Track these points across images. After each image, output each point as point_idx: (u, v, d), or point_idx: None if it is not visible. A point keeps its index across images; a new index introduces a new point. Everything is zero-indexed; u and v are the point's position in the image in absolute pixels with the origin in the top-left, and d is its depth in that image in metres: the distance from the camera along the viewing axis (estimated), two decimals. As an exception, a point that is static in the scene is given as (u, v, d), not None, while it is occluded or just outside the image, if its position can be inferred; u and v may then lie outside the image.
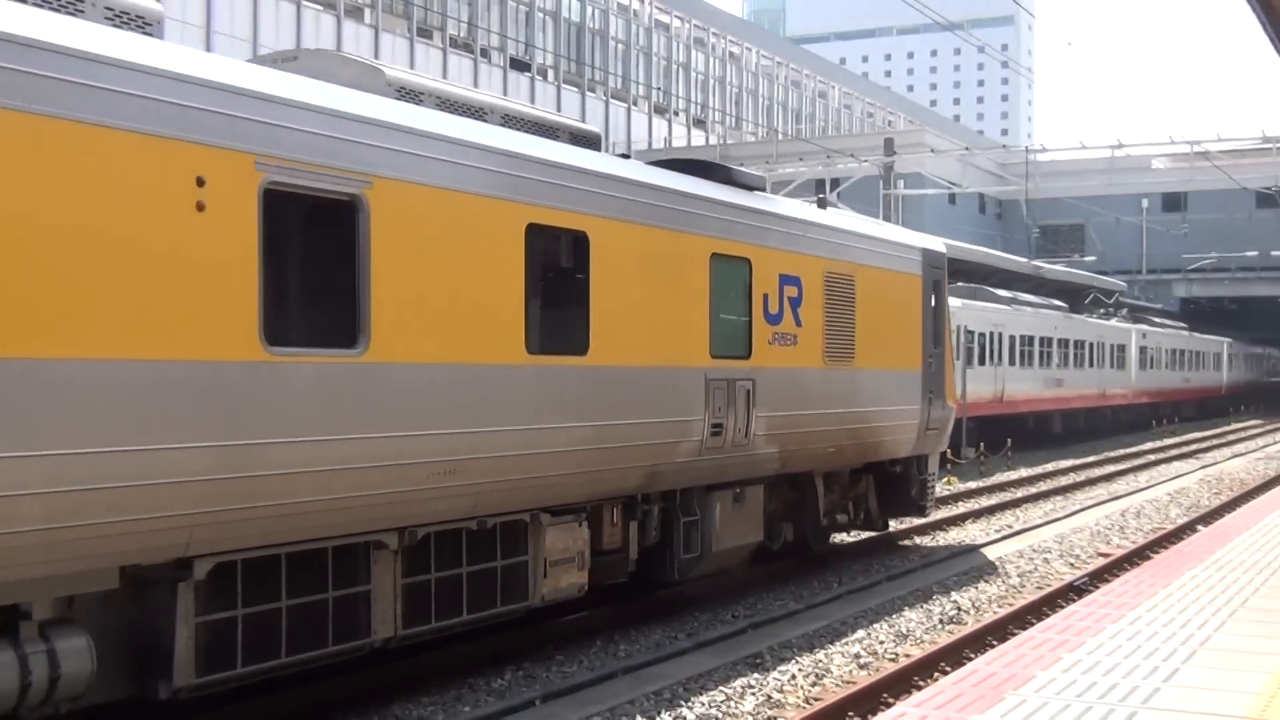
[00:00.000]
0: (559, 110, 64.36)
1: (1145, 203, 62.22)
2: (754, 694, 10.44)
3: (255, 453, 8.02)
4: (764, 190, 14.36)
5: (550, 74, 66.72)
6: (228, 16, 49.36)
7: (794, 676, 10.99)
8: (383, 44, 56.05)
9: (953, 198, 60.91)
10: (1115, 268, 57.97)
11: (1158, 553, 16.20)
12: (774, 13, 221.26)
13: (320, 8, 53.64)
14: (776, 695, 10.48)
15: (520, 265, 10.18)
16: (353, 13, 55.29)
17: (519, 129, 10.94)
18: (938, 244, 18.33)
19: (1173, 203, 62.63)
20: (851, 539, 18.21)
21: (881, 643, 12.38)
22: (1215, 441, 44.35)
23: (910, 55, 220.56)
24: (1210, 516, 21.20)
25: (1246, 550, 13.48)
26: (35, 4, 7.61)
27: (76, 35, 7.27)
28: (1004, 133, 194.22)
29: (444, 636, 10.33)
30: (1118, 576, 13.55)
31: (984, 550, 18.57)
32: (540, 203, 10.42)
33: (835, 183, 54.66)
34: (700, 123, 79.29)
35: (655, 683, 10.67)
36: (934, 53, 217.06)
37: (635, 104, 72.78)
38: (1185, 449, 40.05)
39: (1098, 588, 13.29)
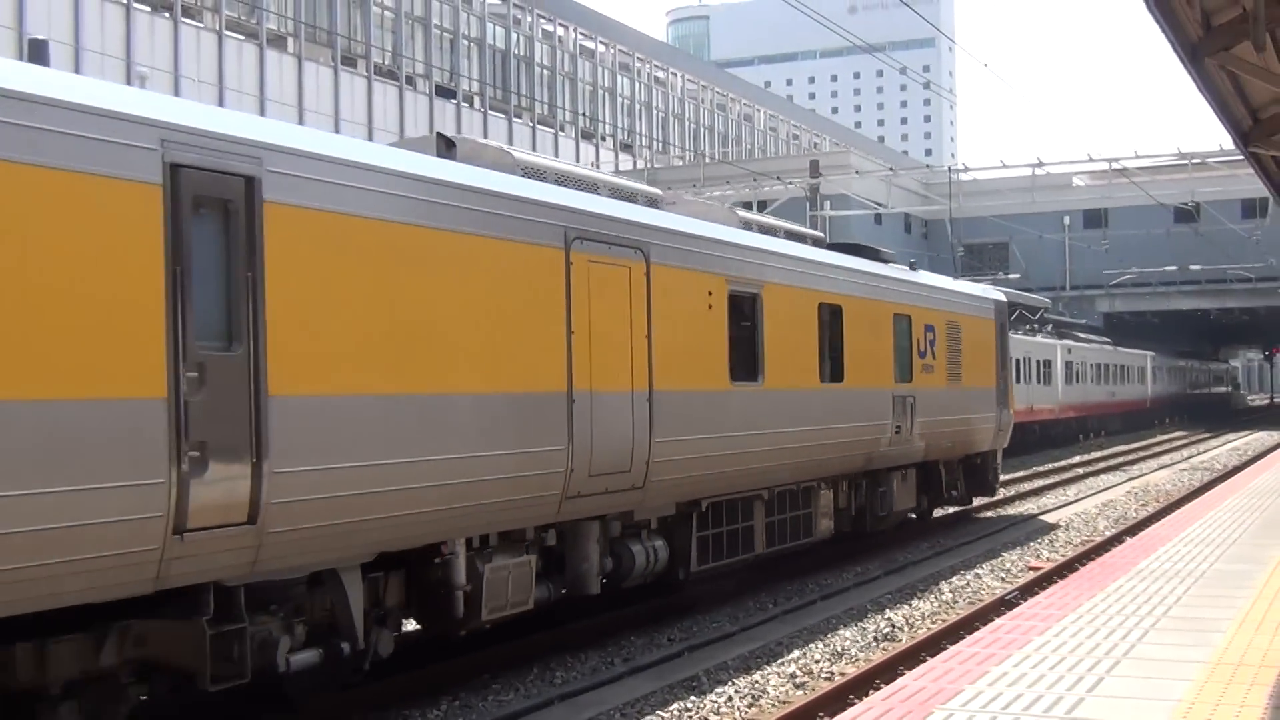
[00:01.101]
0: (485, 134, 64.53)
1: (1067, 220, 63.18)
2: (690, 717, 10.50)
3: (748, 442, 14.69)
4: (897, 263, 20.88)
5: (476, 101, 66.75)
6: (148, 47, 48.96)
7: (730, 698, 11.06)
8: (306, 73, 55.82)
9: (879, 218, 61.55)
10: (1039, 284, 58.78)
11: (1085, 565, 16.45)
12: (698, 37, 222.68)
13: (242, 38, 53.32)
14: (713, 718, 10.54)
15: (816, 326, 16.55)
16: (275, 42, 55.01)
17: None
18: (1002, 295, 25.14)
19: (1093, 219, 63.66)
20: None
21: (817, 662, 12.48)
22: (1141, 454, 45.04)
23: (834, 78, 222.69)
24: (1136, 528, 21.54)
25: (1170, 560, 13.74)
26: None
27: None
28: (928, 153, 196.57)
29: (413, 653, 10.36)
30: (1046, 589, 13.76)
31: (916, 567, 18.77)
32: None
33: (762, 205, 55.07)
34: (627, 147, 79.61)
35: (591, 709, 10.70)
36: (857, 75, 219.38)
37: (562, 130, 72.95)
38: (1112, 462, 40.65)
39: (1026, 600, 13.49)
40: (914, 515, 21.87)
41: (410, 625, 11.80)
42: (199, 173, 8.11)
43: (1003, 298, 24.82)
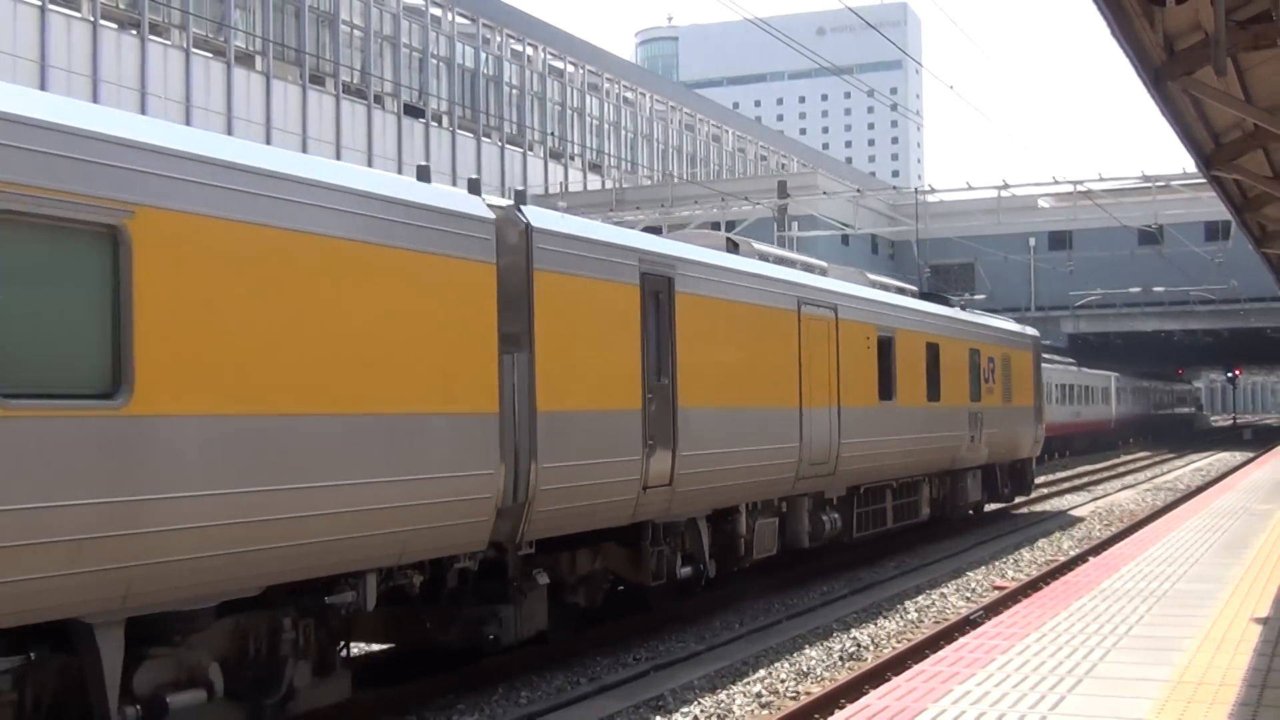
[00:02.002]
0: (453, 156, 64.47)
1: (1032, 241, 63.59)
2: (655, 736, 10.48)
3: (889, 444, 20.32)
4: (954, 305, 26.59)
5: (445, 120, 66.74)
6: (115, 64, 48.75)
7: (696, 718, 11.05)
8: (274, 91, 55.70)
9: (846, 239, 61.85)
10: (1005, 305, 59.02)
11: (1049, 584, 16.53)
12: (667, 58, 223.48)
13: (210, 56, 53.18)
14: (678, 737, 10.53)
15: (924, 360, 22.13)
16: (243, 60, 54.88)
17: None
18: (1035, 332, 31.14)
19: (1058, 241, 64.10)
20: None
21: (783, 681, 12.49)
22: (1106, 474, 45.31)
23: (802, 99, 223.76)
24: (1100, 548, 21.67)
25: (1132, 580, 13.83)
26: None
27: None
28: (895, 174, 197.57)
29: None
30: (1010, 608, 13.82)
31: (882, 586, 18.82)
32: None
33: (730, 225, 55.23)
34: (596, 167, 79.74)
35: (557, 728, 10.67)
36: (825, 97, 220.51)
37: (531, 149, 73.01)
38: (1077, 481, 40.88)
39: (991, 620, 13.53)
40: (970, 511, 26.72)
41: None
42: (651, 277, 13.58)
43: (1037, 333, 31.37)
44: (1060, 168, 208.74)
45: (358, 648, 12.75)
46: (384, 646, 13.42)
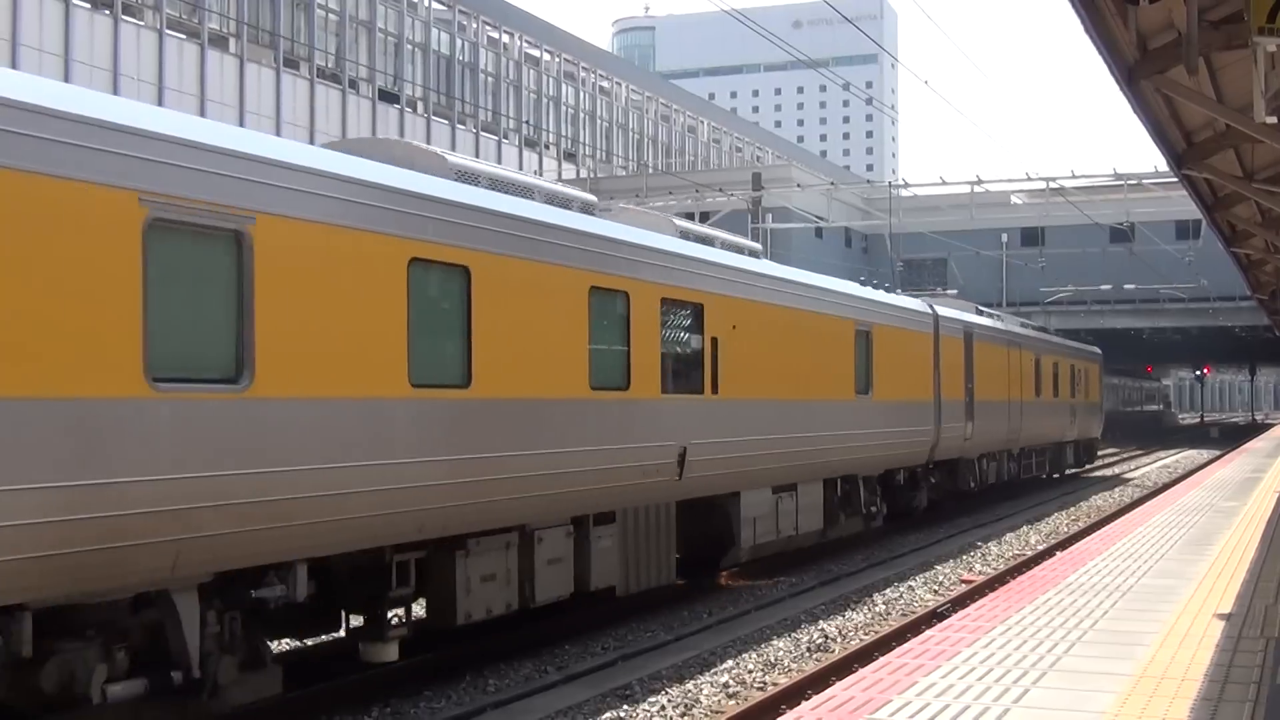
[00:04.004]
0: (428, 139, 64.03)
1: (1005, 237, 63.75)
2: (622, 725, 10.51)
3: (1019, 426, 32.10)
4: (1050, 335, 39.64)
5: (420, 106, 66.49)
6: (87, 44, 48.36)
7: (663, 707, 11.08)
8: (248, 74, 55.37)
9: (819, 231, 61.94)
10: (976, 300, 59.19)
11: (1016, 578, 16.63)
12: (644, 48, 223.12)
13: (184, 37, 52.81)
14: (645, 726, 10.56)
15: (1034, 368, 34.13)
16: (217, 42, 54.53)
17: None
18: (1099, 350, 45.61)
19: (1031, 237, 64.29)
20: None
21: (750, 672, 12.53)
22: (1073, 469, 45.53)
23: (777, 92, 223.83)
24: (1067, 542, 21.82)
25: (1098, 574, 13.92)
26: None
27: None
28: (869, 168, 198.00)
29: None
30: (976, 601, 13.89)
31: (850, 579, 18.89)
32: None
33: (705, 216, 55.24)
34: (571, 156, 79.61)
35: (525, 717, 10.69)
36: (800, 89, 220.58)
37: (506, 137, 72.84)
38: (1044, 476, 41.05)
39: (958, 613, 13.61)
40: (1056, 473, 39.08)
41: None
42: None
43: (1099, 351, 46.08)
44: (1033, 164, 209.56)
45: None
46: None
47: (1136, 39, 10.67)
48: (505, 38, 73.86)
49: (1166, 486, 33.13)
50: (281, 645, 12.85)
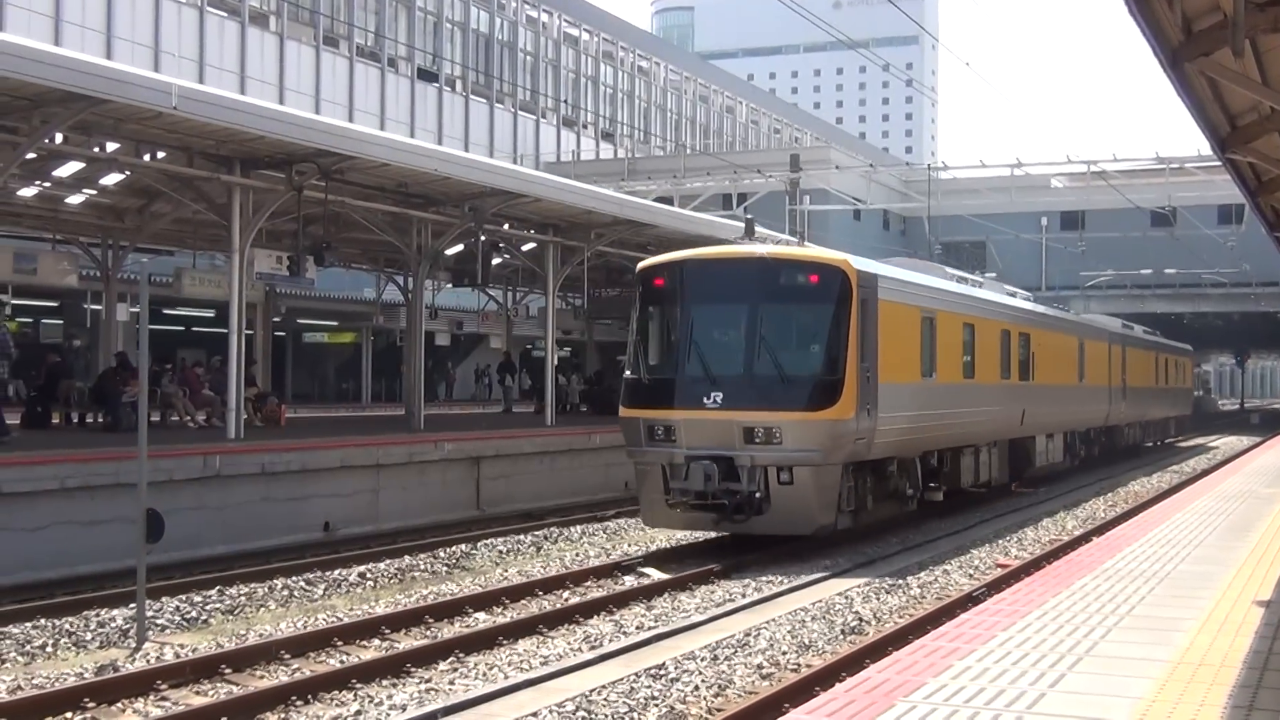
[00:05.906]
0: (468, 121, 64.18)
1: (1044, 221, 63.31)
2: (657, 705, 10.54)
3: (1128, 409, 42.78)
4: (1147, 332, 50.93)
5: (458, 85, 66.56)
6: (129, 21, 48.65)
7: (697, 688, 11.09)
8: (288, 52, 55.58)
9: (857, 214, 61.66)
10: (1016, 284, 58.87)
11: (1052, 563, 16.56)
12: (683, 28, 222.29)
13: (224, 14, 53.04)
14: (679, 706, 10.58)
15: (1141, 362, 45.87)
16: (257, 20, 54.74)
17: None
18: (1190, 348, 58.58)
19: (1070, 221, 63.79)
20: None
21: (784, 653, 12.53)
22: (1111, 454, 45.24)
23: (817, 73, 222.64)
24: (1104, 528, 21.67)
25: (1135, 560, 13.84)
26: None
27: None
28: (908, 150, 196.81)
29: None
30: (1012, 586, 13.84)
31: (885, 562, 18.86)
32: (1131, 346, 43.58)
33: (742, 197, 55.09)
34: (609, 136, 79.57)
35: (558, 695, 10.73)
36: (840, 70, 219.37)
37: (544, 116, 72.86)
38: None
39: (993, 597, 13.57)
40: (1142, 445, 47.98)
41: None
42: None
43: (1191, 349, 57.50)
44: (1074, 147, 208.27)
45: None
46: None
47: (1181, 20, 10.55)
48: (544, 17, 73.81)
49: (1205, 473, 32.89)
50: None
